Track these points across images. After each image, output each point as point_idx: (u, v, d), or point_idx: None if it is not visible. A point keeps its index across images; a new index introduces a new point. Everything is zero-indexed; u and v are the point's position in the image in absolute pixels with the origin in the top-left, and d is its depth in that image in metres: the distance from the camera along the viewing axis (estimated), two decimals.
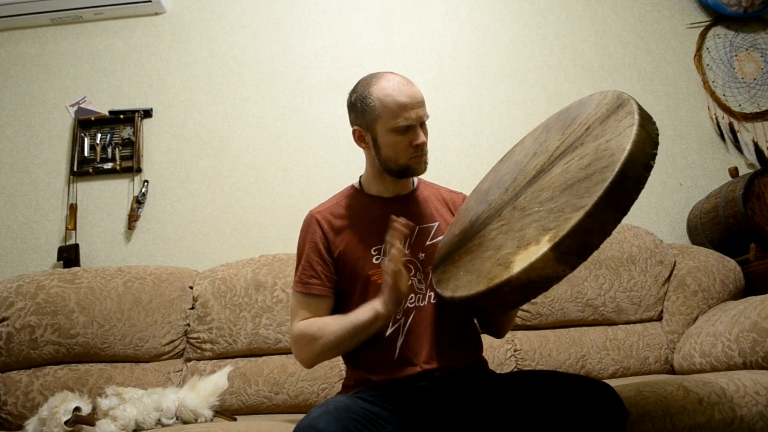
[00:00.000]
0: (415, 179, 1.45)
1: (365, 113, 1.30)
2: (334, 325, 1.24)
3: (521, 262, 0.92)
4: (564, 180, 1.01)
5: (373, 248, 1.31)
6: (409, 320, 1.27)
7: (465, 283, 1.04)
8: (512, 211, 1.11)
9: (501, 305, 0.97)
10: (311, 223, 1.36)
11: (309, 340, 1.25)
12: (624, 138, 0.93)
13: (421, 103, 1.28)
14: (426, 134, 1.30)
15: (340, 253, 1.31)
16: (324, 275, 1.31)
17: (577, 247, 0.89)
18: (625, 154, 0.90)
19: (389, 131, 1.27)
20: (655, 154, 0.94)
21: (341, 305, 1.32)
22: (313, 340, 1.24)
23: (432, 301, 1.29)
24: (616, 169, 0.89)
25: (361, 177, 1.44)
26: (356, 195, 1.40)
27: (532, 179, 1.14)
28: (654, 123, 0.99)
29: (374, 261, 1.30)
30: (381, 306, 1.18)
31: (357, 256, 1.30)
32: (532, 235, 0.96)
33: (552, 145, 1.19)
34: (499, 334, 1.41)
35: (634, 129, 0.93)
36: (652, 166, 0.92)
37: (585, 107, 1.18)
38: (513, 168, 1.30)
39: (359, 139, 1.35)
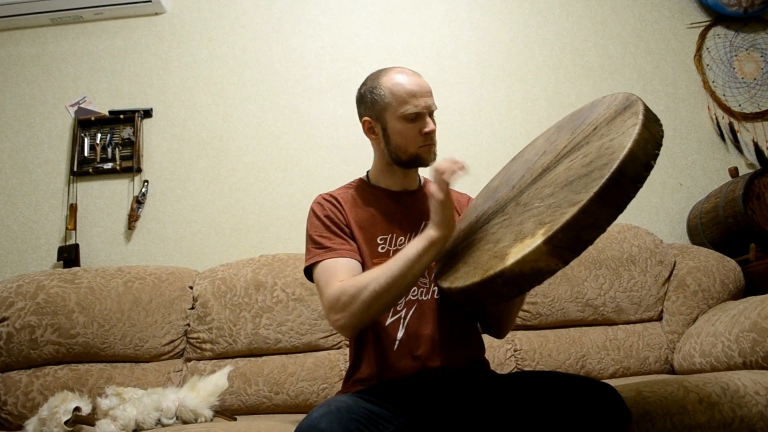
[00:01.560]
0: (422, 177, 1.45)
1: (375, 104, 1.32)
2: (381, 269, 1.13)
3: (515, 254, 0.93)
4: (566, 177, 1.03)
5: (380, 237, 1.31)
6: (410, 313, 1.26)
7: (462, 274, 1.06)
8: (515, 206, 1.12)
9: (494, 297, 0.98)
10: (325, 201, 1.35)
11: (353, 295, 1.12)
12: (626, 137, 0.94)
13: (429, 93, 1.31)
14: (435, 125, 1.31)
15: (354, 230, 1.31)
16: (349, 244, 1.28)
17: (569, 241, 0.90)
18: (625, 152, 0.91)
19: (399, 119, 1.28)
20: (657, 154, 0.94)
21: None
22: (358, 292, 1.12)
23: (435, 296, 1.29)
24: (614, 167, 0.90)
25: (368, 171, 1.44)
26: (364, 187, 1.41)
27: (537, 176, 1.16)
28: (660, 124, 1.00)
29: (379, 250, 1.29)
30: (433, 229, 1.13)
31: (364, 241, 1.30)
32: (529, 228, 0.97)
33: (560, 144, 1.20)
34: (499, 334, 1.40)
35: (637, 128, 0.94)
36: (652, 166, 0.93)
37: (596, 108, 1.19)
38: (522, 166, 1.31)
39: (369, 130, 1.36)
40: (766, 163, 2.34)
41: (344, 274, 1.20)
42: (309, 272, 1.30)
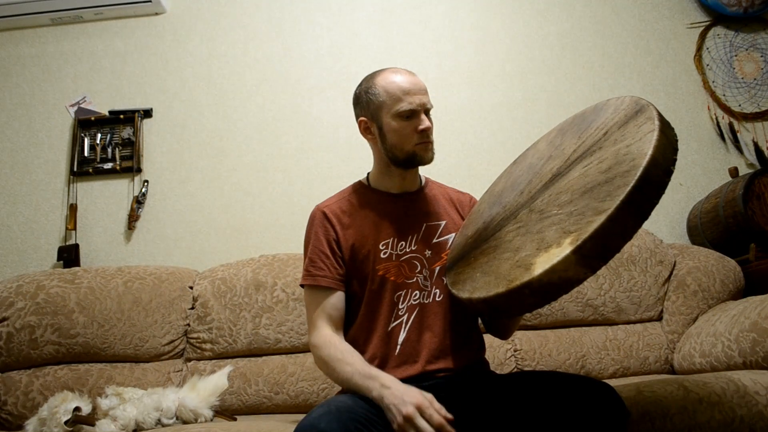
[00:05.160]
0: (423, 178, 1.45)
1: (370, 103, 1.32)
2: (340, 367, 1.19)
3: (542, 264, 0.91)
4: (583, 183, 1.01)
5: (382, 243, 1.31)
6: (413, 316, 1.26)
7: (482, 284, 1.04)
8: (529, 213, 1.11)
9: (519, 307, 0.97)
10: (318, 217, 1.36)
11: (324, 364, 1.25)
12: (645, 143, 0.93)
13: (423, 91, 1.31)
14: (431, 123, 1.31)
15: (348, 247, 1.31)
16: (332, 268, 1.30)
17: (598, 250, 0.89)
18: (647, 158, 0.90)
19: (394, 117, 1.29)
20: (675, 159, 0.95)
21: (350, 300, 1.32)
22: (323, 364, 1.25)
23: (437, 299, 1.29)
24: (638, 174, 0.89)
25: (368, 173, 1.44)
26: (364, 191, 1.40)
27: (549, 182, 1.14)
28: (673, 129, 1.00)
29: (382, 255, 1.30)
30: (386, 398, 1.07)
31: (366, 250, 1.30)
32: (553, 237, 0.96)
33: (568, 149, 1.19)
34: (505, 335, 1.40)
35: (656, 134, 0.93)
36: (672, 171, 0.93)
37: (602, 112, 1.18)
38: (527, 171, 1.30)
39: (365, 130, 1.36)
40: (766, 163, 2.34)
41: (323, 308, 1.28)
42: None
